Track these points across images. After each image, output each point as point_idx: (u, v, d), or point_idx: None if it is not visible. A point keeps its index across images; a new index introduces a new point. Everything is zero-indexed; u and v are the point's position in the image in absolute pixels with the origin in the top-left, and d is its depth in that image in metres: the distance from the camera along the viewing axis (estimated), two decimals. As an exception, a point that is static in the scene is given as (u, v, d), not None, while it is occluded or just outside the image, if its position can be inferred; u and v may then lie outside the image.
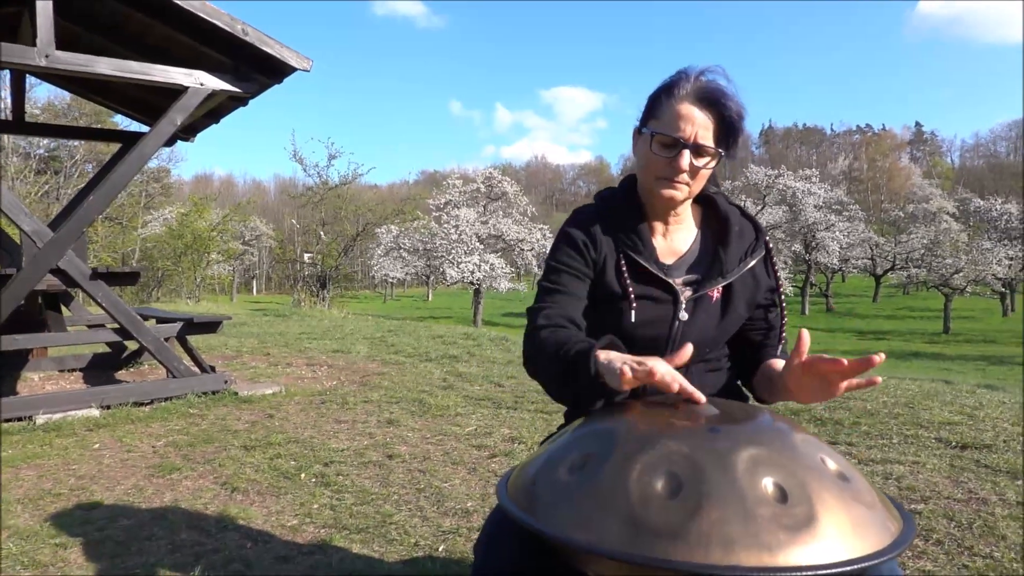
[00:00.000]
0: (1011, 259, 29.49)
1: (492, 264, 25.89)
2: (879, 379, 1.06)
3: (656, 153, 1.23)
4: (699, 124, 1.20)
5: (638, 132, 1.30)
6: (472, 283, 26.06)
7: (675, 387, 1.00)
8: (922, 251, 32.25)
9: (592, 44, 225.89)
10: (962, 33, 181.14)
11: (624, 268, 1.28)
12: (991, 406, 3.97)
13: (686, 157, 1.21)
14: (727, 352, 1.39)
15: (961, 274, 29.05)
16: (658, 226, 1.33)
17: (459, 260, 25.77)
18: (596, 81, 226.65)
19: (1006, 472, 2.80)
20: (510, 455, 3.18)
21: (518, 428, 3.63)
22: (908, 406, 3.96)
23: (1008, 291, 32.40)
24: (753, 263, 1.31)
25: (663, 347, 1.27)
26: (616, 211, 1.33)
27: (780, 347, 1.37)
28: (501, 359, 6.01)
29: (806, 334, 1.09)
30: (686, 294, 1.28)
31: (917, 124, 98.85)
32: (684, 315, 1.27)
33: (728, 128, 1.22)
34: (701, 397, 1.03)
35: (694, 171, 1.23)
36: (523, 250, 28.60)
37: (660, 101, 1.24)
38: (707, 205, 1.38)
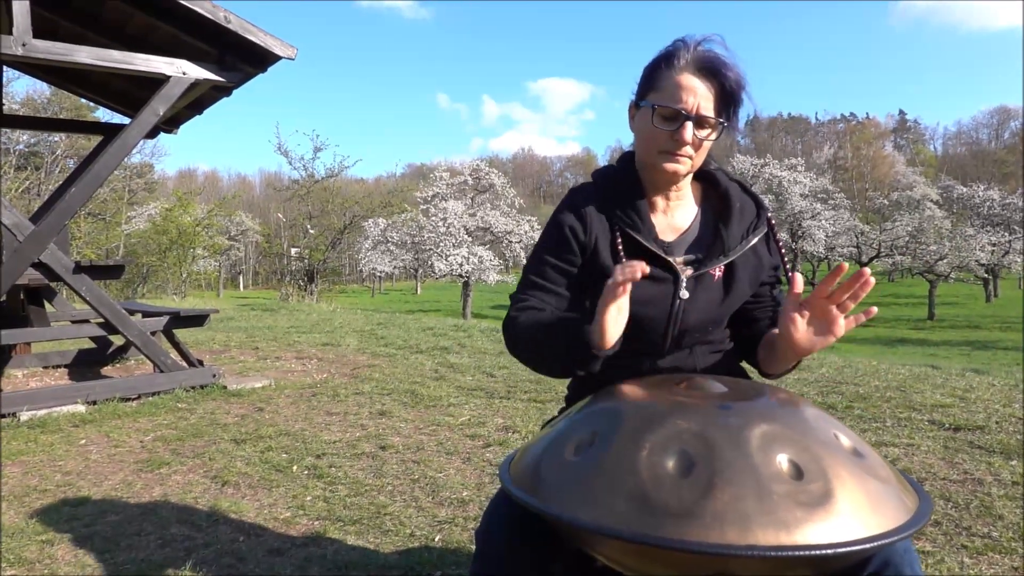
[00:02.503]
0: (994, 245, 29.79)
1: (480, 256, 25.82)
2: (875, 309, 1.06)
3: (657, 126, 1.19)
4: (700, 95, 1.17)
5: (635, 106, 1.26)
6: (461, 276, 25.99)
7: (635, 272, 1.01)
8: (906, 238, 32.48)
9: (580, 35, 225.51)
10: (946, 20, 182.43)
11: (620, 246, 1.25)
12: (981, 388, 3.99)
13: (689, 129, 1.17)
14: (728, 333, 1.36)
15: (945, 261, 29.30)
16: (658, 202, 1.30)
17: (447, 253, 25.68)
18: (584, 72, 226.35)
19: (1000, 453, 2.81)
20: (504, 444, 3.16)
21: (511, 417, 3.61)
22: (900, 389, 3.98)
23: (991, 277, 32.74)
24: (755, 240, 1.29)
25: (663, 326, 1.24)
26: (614, 187, 1.30)
27: None
28: (492, 350, 5.98)
29: (799, 276, 1.10)
30: (687, 272, 1.24)
31: (900, 112, 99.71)
32: (685, 293, 1.23)
33: (729, 97, 1.19)
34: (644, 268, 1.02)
35: (697, 143, 1.19)
36: (511, 242, 28.54)
37: (659, 72, 1.20)
38: (707, 181, 1.35)
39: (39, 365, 5.18)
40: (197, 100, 5.11)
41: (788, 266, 1.37)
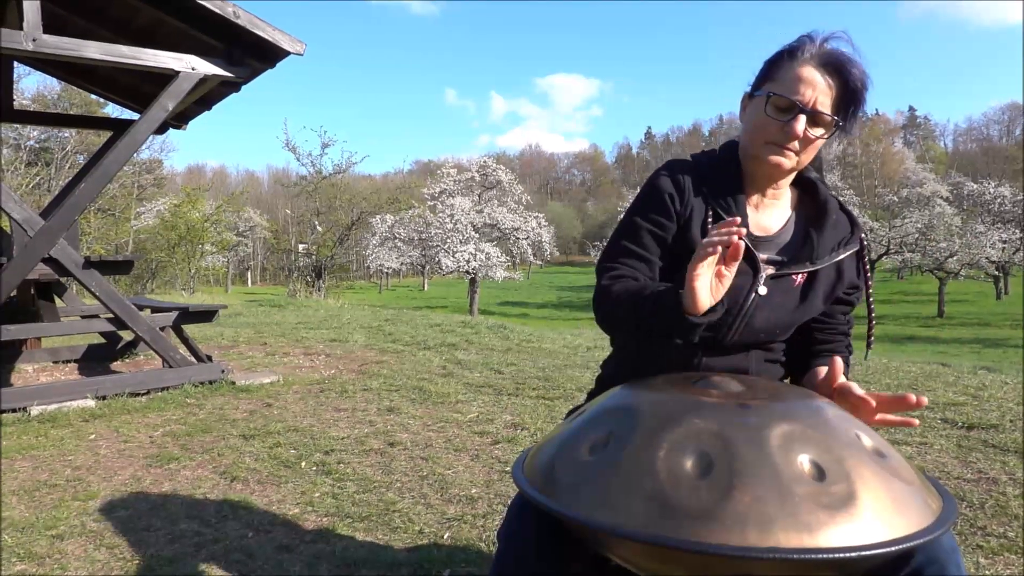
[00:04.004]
0: (1004, 242, 29.53)
1: (488, 253, 25.83)
2: (916, 421, 1.03)
3: (770, 115, 1.16)
4: (820, 89, 1.13)
5: (749, 96, 1.24)
6: (468, 272, 26.01)
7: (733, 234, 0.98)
8: (916, 235, 32.24)
9: (587, 31, 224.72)
10: (956, 16, 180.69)
11: (711, 226, 1.21)
12: (994, 386, 3.96)
13: (801, 122, 1.14)
14: (784, 346, 1.32)
15: (955, 258, 29.10)
16: (754, 198, 1.27)
17: (455, 249, 25.71)
18: (591, 68, 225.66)
19: (1014, 452, 2.78)
20: (513, 441, 3.15)
21: (520, 414, 3.59)
22: (911, 387, 3.94)
23: (1002, 274, 32.52)
24: (843, 256, 1.25)
25: (731, 318, 1.20)
26: (712, 171, 1.27)
27: (845, 351, 1.33)
28: (500, 346, 5.97)
29: (839, 363, 1.09)
30: (768, 270, 1.21)
31: (910, 108, 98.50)
32: (763, 290, 1.20)
33: (850, 97, 1.15)
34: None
35: (807, 140, 1.16)
36: (518, 239, 28.56)
37: (780, 63, 1.18)
38: (805, 189, 1.31)
39: (49, 360, 5.20)
40: (206, 96, 5.10)
41: (871, 291, 1.31)
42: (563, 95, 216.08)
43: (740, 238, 0.98)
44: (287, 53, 4.24)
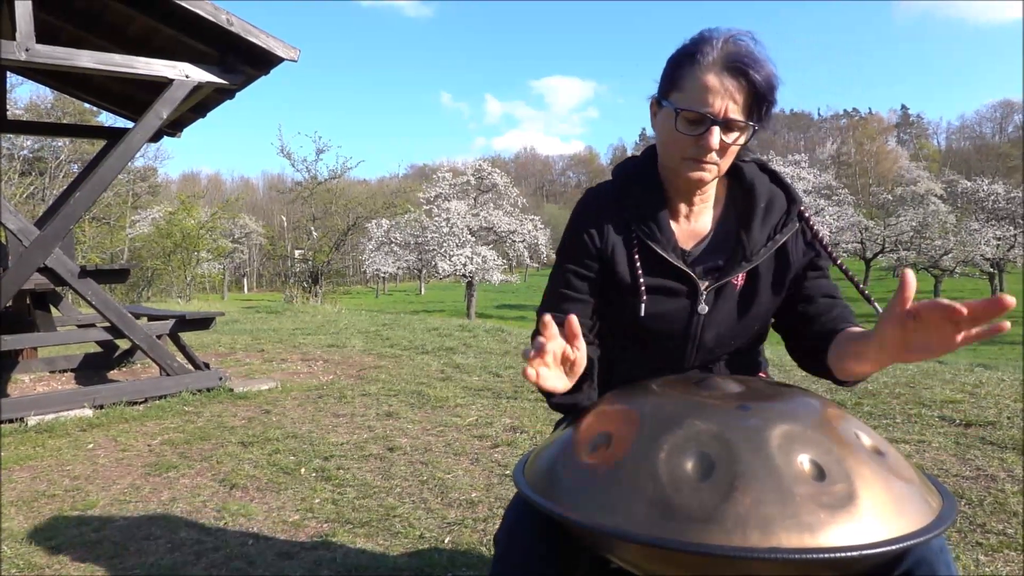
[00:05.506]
0: (999, 239, 29.64)
1: (484, 256, 25.81)
2: (1007, 324, 0.83)
3: (681, 131, 1.09)
4: (728, 96, 1.06)
5: (657, 104, 1.15)
6: (464, 276, 25.99)
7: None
8: (911, 233, 32.33)
9: (583, 32, 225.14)
10: (952, 15, 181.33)
11: (637, 258, 1.17)
12: (991, 384, 3.96)
13: (716, 135, 1.07)
14: (754, 343, 1.27)
15: (950, 255, 29.19)
16: (680, 207, 1.20)
17: (451, 253, 25.68)
18: (587, 70, 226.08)
19: (1012, 449, 2.79)
20: (512, 444, 3.15)
21: (519, 417, 3.59)
22: (909, 385, 3.95)
23: (997, 271, 32.57)
24: (784, 240, 1.17)
25: (682, 341, 1.18)
26: (634, 190, 1.21)
27: (851, 319, 1.18)
28: (498, 350, 5.97)
29: (911, 275, 0.89)
30: (705, 284, 1.16)
31: (903, 107, 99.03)
32: (704, 308, 1.16)
33: (761, 98, 1.08)
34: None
35: (724, 148, 1.10)
36: (515, 242, 28.53)
37: (683, 69, 1.09)
38: (733, 175, 1.23)
39: (46, 370, 5.18)
40: (200, 103, 5.11)
41: (837, 259, 1.24)
42: (559, 97, 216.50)
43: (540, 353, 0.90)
44: (281, 59, 4.25)
